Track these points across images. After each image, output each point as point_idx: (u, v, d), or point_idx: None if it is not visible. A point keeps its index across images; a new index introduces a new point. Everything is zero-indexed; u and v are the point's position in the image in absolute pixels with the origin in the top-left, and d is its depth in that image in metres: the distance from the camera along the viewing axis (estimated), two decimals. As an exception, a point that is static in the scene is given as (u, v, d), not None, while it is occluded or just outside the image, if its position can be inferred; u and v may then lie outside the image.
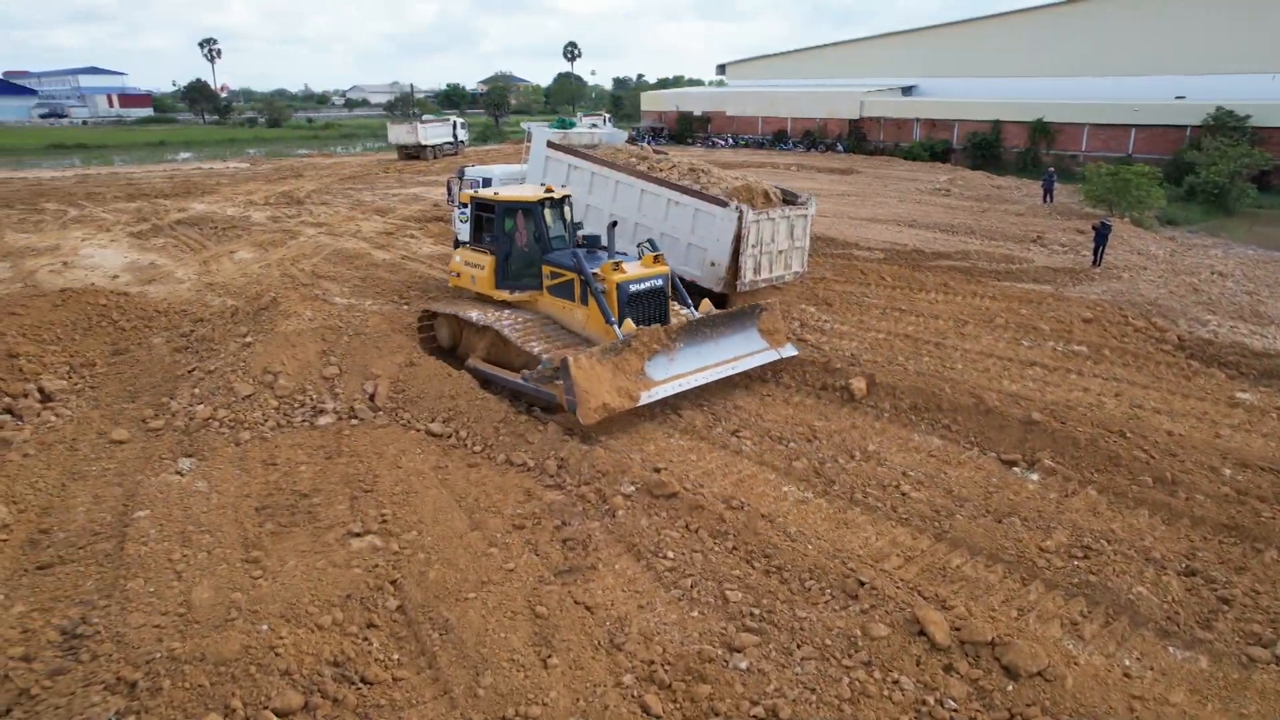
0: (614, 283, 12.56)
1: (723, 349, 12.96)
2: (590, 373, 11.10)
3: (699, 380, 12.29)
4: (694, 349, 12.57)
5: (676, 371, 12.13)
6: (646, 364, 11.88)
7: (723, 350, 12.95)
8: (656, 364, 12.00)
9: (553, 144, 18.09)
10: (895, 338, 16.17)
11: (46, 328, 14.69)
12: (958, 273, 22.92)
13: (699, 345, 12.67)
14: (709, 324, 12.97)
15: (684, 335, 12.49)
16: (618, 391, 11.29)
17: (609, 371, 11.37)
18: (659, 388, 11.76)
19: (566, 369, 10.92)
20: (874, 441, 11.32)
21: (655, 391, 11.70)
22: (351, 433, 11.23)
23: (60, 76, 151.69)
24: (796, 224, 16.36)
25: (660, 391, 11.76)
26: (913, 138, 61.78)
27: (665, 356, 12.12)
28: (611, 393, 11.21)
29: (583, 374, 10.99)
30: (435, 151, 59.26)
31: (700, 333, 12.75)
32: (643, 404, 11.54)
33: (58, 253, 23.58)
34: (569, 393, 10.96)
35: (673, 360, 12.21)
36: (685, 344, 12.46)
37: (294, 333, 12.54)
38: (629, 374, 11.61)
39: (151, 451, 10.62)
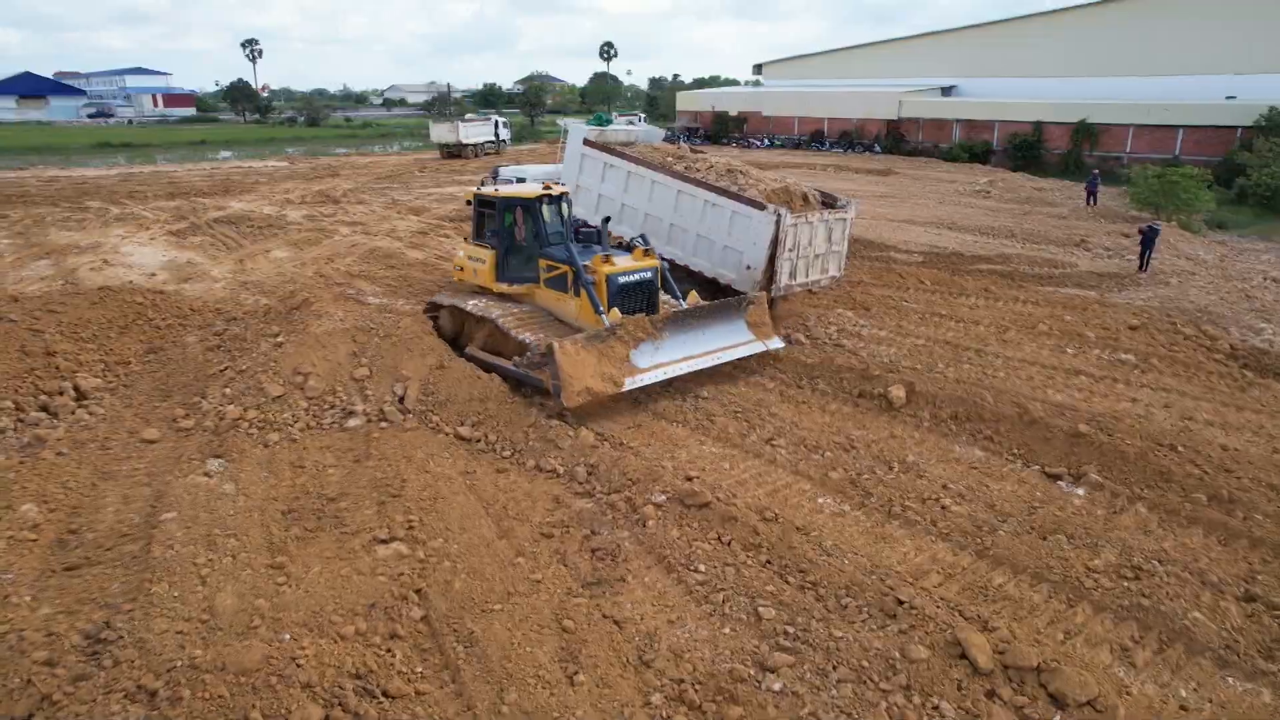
0: (603, 275, 13.12)
1: (709, 339, 13.36)
2: (575, 359, 11.62)
3: (684, 369, 12.76)
4: (680, 339, 12.98)
5: (661, 360, 12.59)
6: (632, 352, 12.37)
7: (709, 341, 13.35)
8: (642, 352, 12.47)
9: (589, 142, 17.87)
10: (935, 344, 15.77)
11: (84, 325, 14.79)
12: (999, 277, 22.41)
13: (685, 335, 13.07)
14: (695, 315, 13.39)
15: (670, 325, 12.91)
16: (601, 377, 11.78)
17: (594, 358, 11.87)
18: (643, 375, 12.22)
19: (552, 355, 11.46)
20: (913, 452, 10.99)
21: (639, 378, 12.15)
22: (380, 435, 11.12)
23: (108, 77, 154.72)
24: (835, 228, 16.02)
25: (644, 379, 12.22)
26: (952, 139, 60.86)
27: (651, 345, 12.61)
28: (595, 378, 11.70)
29: (568, 359, 11.51)
30: (476, 150, 59.89)
31: (686, 323, 13.15)
32: (626, 390, 12.00)
33: (98, 250, 23.89)
34: (554, 377, 11.48)
35: (658, 349, 12.67)
36: (671, 334, 12.89)
37: (325, 333, 12.48)
38: (614, 361, 12.09)
39: (181, 451, 10.59)
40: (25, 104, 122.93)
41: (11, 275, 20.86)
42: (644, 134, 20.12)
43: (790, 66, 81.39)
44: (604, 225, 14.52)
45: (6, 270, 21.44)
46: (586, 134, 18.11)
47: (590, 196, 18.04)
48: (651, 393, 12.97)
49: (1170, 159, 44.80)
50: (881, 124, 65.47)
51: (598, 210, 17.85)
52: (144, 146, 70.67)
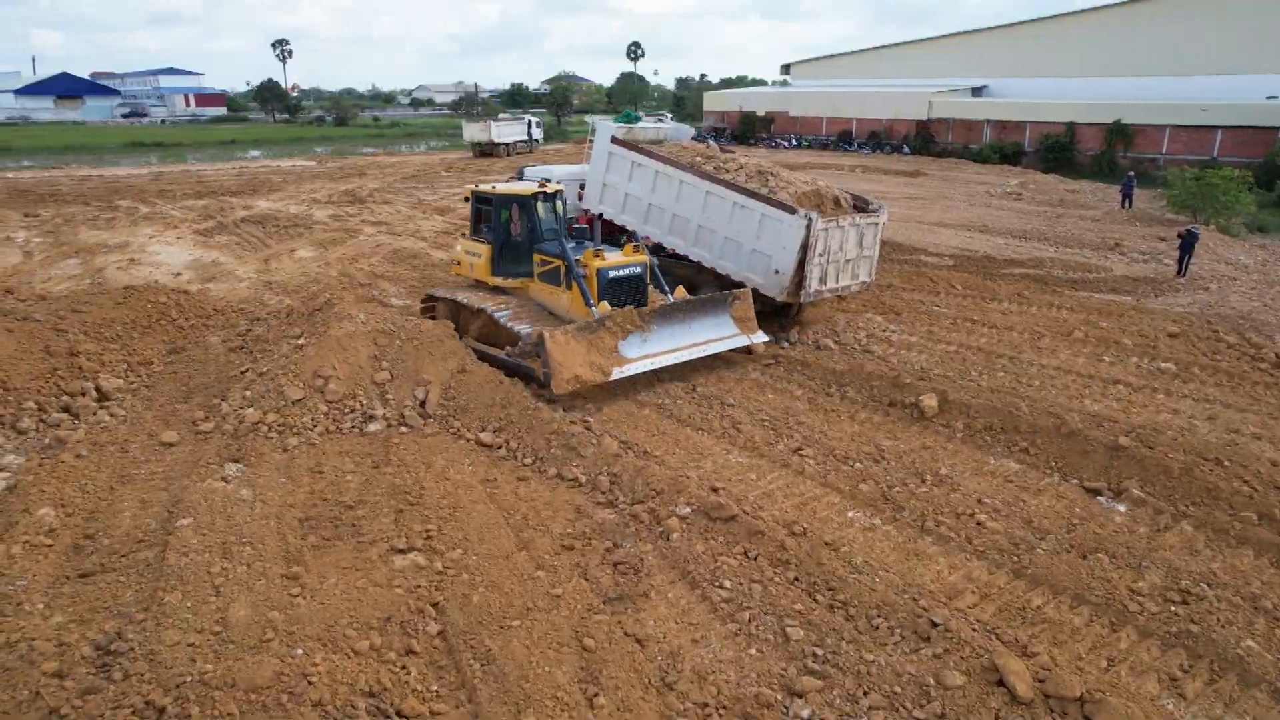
0: (594, 269, 13.59)
1: (695, 332, 13.86)
2: (565, 348, 12.18)
3: (670, 360, 13.27)
4: (667, 331, 13.49)
5: (649, 351, 13.11)
6: (621, 343, 12.92)
7: (695, 333, 13.85)
8: (631, 343, 13.02)
9: (617, 140, 17.53)
10: (967, 350, 15.38)
11: (108, 325, 14.77)
12: (1032, 282, 21.92)
13: (672, 328, 13.58)
14: (683, 308, 13.90)
15: (657, 318, 13.41)
16: (590, 366, 12.32)
17: (583, 347, 12.43)
18: (631, 365, 12.77)
19: (543, 343, 12.00)
20: (946, 464, 10.63)
21: (627, 368, 12.70)
22: (400, 441, 10.95)
23: (141, 77, 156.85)
24: (867, 232, 15.65)
25: (632, 368, 12.77)
26: (982, 140, 60.04)
27: (639, 336, 13.12)
28: (584, 366, 12.24)
29: (558, 348, 12.06)
30: (509, 149, 60.65)
31: (674, 316, 13.67)
32: (614, 379, 12.53)
33: (126, 250, 24.03)
34: (545, 365, 12.04)
35: (646, 340, 13.19)
36: (659, 326, 13.40)
37: (346, 336, 12.32)
38: (602, 351, 12.64)
39: (199, 455, 10.48)
40: (62, 104, 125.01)
41: (40, 274, 21.01)
42: (672, 132, 19.80)
43: (818, 66, 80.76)
44: (596, 222, 15.14)
45: (35, 269, 21.60)
46: (614, 131, 17.81)
47: (617, 195, 17.76)
48: (676, 398, 12.72)
49: (1208, 160, 43.84)
50: (911, 124, 64.74)
51: (624, 209, 17.59)
52: (175, 146, 71.49)
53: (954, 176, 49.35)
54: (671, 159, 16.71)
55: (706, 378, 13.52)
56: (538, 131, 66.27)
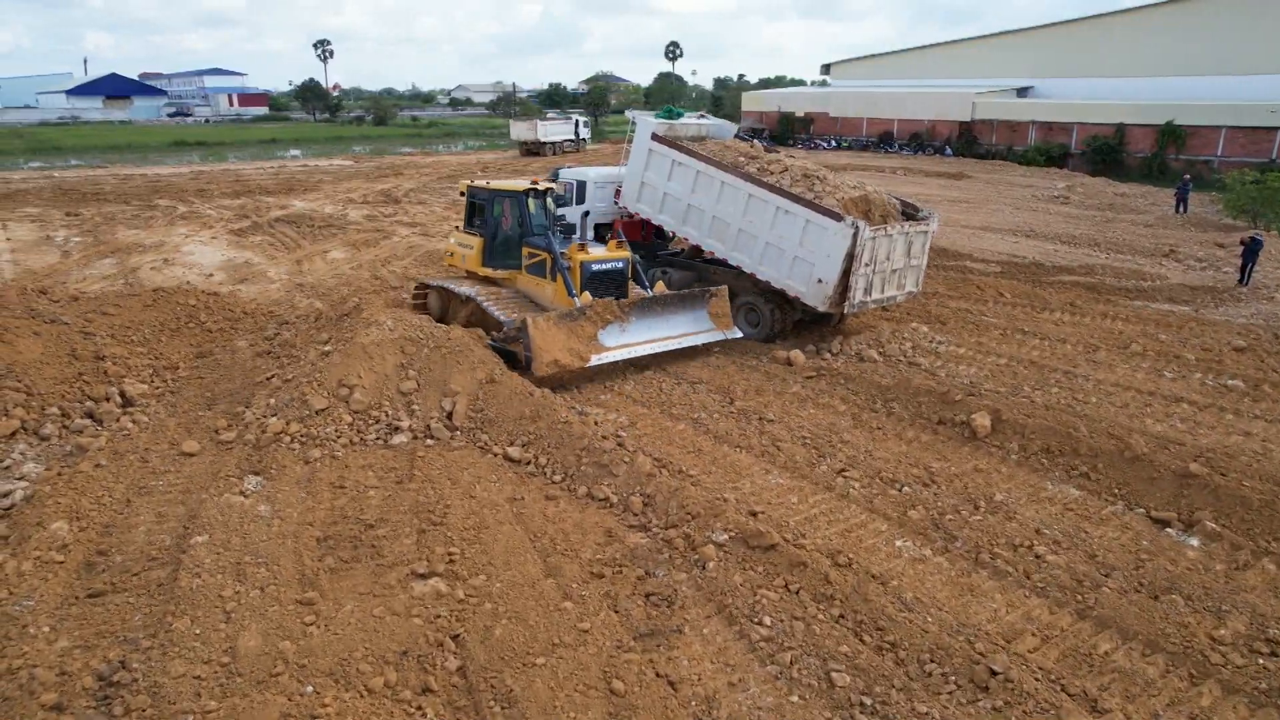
0: (578, 262, 14.29)
1: (672, 325, 14.58)
2: (547, 333, 12.87)
3: (647, 350, 14.00)
4: (645, 323, 14.21)
5: (627, 341, 13.84)
6: (600, 332, 13.62)
7: (672, 326, 14.58)
8: (610, 332, 13.72)
9: (657, 136, 16.89)
10: (1019, 364, 14.65)
11: (135, 328, 14.59)
12: (1083, 290, 21.07)
13: (650, 320, 14.30)
14: (661, 302, 14.60)
15: (636, 310, 14.13)
16: (569, 351, 13.00)
17: (564, 334, 13.13)
18: (609, 353, 13.50)
19: (526, 328, 12.74)
20: (1001, 489, 9.97)
21: (605, 355, 13.42)
22: (426, 454, 10.54)
23: (187, 77, 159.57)
24: (915, 241, 14.97)
25: (609, 356, 13.49)
26: (1027, 141, 58.71)
27: (618, 327, 13.84)
28: (564, 352, 12.92)
29: (540, 334, 12.77)
30: (555, 148, 61.53)
31: (652, 309, 14.38)
32: (592, 365, 13.20)
33: (161, 250, 24.02)
34: (527, 349, 12.71)
35: (625, 331, 13.90)
36: (638, 318, 14.13)
37: (372, 344, 11.95)
38: (582, 338, 13.34)
39: (219, 467, 10.15)
40: (110, 104, 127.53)
41: (76, 274, 21.02)
42: (715, 129, 19.08)
43: (859, 66, 79.59)
44: (583, 219, 15.99)
45: (72, 269, 21.63)
46: (655, 128, 17.18)
47: (655, 194, 17.18)
48: (713, 413, 12.17)
49: (1267, 163, 42.28)
50: (953, 125, 63.53)
51: (662, 209, 17.03)
52: (217, 145, 72.33)
53: (998, 179, 48.21)
54: (713, 159, 16.08)
55: (745, 390, 12.96)
56: (585, 131, 66.78)
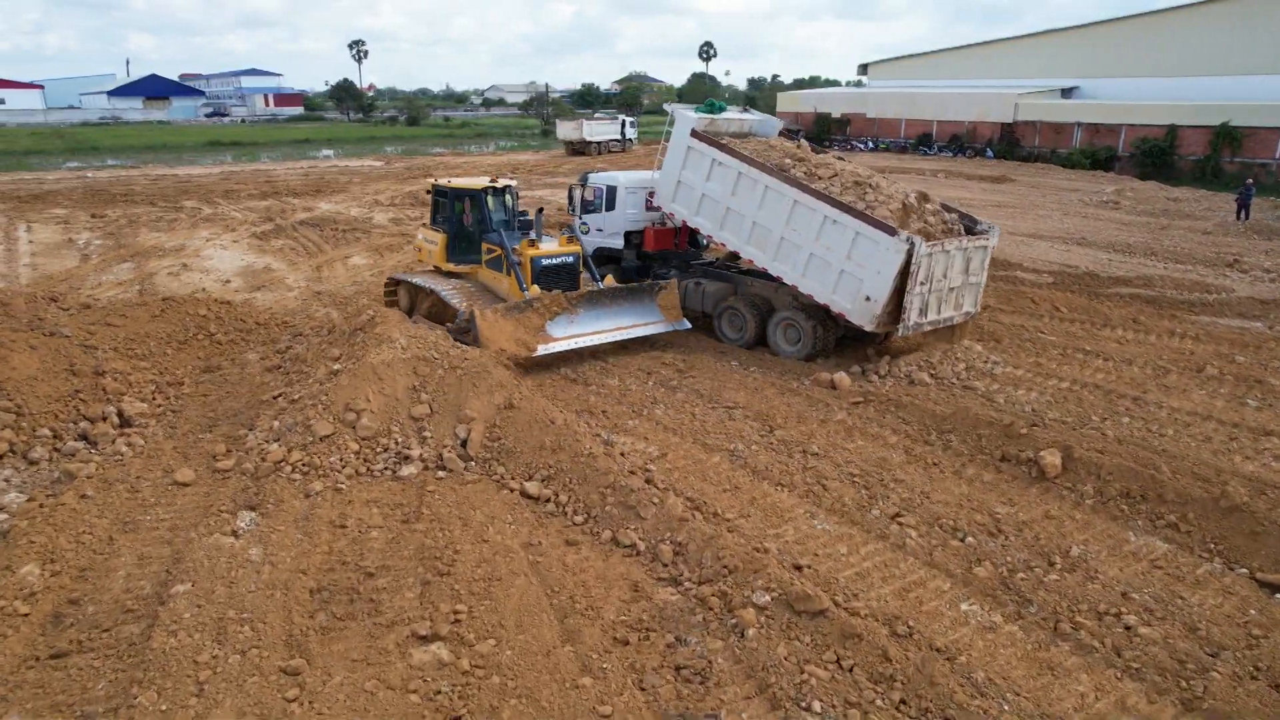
0: (528, 257, 14.89)
1: (621, 317, 15.04)
2: (494, 325, 13.42)
3: (595, 340, 14.52)
4: (594, 315, 14.70)
5: (575, 332, 14.33)
6: (549, 323, 14.13)
7: (621, 318, 15.04)
8: (558, 324, 14.23)
9: (697, 133, 15.67)
10: (1083, 388, 13.46)
11: (141, 341, 13.88)
12: (1143, 303, 19.73)
13: (599, 312, 14.80)
14: (609, 295, 15.05)
15: (585, 302, 14.61)
16: (516, 342, 13.53)
17: (511, 325, 13.66)
18: (556, 343, 14.00)
19: (473, 320, 13.30)
20: (1077, 541, 8.84)
21: (553, 346, 13.93)
22: (437, 488, 9.64)
23: (224, 78, 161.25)
24: (974, 257, 13.81)
25: (557, 346, 13.98)
26: (1072, 143, 56.82)
27: (567, 318, 14.33)
28: (511, 342, 13.43)
29: (487, 325, 13.30)
30: (601, 148, 62.24)
31: (600, 301, 14.86)
32: (539, 355, 13.72)
33: (181, 254, 23.46)
34: (475, 340, 13.07)
35: (573, 322, 14.40)
36: (586, 310, 14.61)
37: (383, 363, 11.09)
38: (530, 329, 13.88)
39: (213, 500, 9.32)
40: (150, 104, 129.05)
41: (92, 279, 20.48)
42: (759, 125, 17.85)
43: (897, 67, 77.85)
44: (538, 215, 15.98)
45: (89, 274, 21.10)
46: (694, 123, 15.97)
47: (693, 195, 16.01)
48: (751, 443, 11.12)
49: (1331, 168, 40.31)
50: (995, 127, 61.75)
51: (699, 211, 15.95)
52: (250, 145, 72.44)
53: (1043, 183, 46.59)
54: (756, 159, 14.90)
55: (785, 417, 11.91)
56: (631, 131, 66.56)
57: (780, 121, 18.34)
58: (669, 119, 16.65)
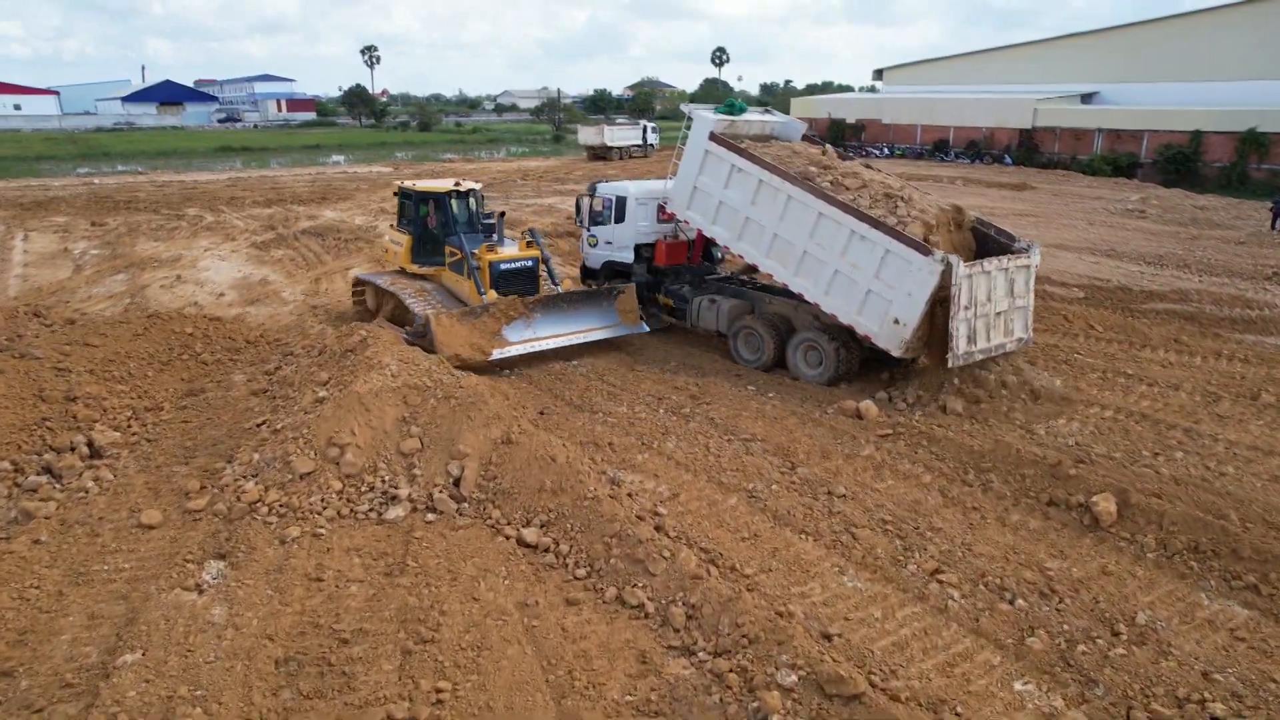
0: (487, 261, 15.02)
1: (579, 321, 15.17)
2: (449, 329, 13.66)
3: (552, 344, 14.64)
4: (552, 319, 14.87)
5: (532, 336, 14.49)
6: (505, 328, 14.31)
7: (579, 322, 15.16)
8: (515, 328, 14.40)
9: (717, 136, 14.63)
10: (1128, 417, 12.45)
11: (120, 362, 13.08)
12: (1182, 320, 18.66)
13: (556, 316, 14.95)
14: (567, 299, 15.28)
15: (542, 306, 14.80)
16: (471, 346, 13.74)
17: (467, 330, 13.88)
18: (512, 347, 14.19)
19: (428, 324, 13.58)
20: (1142, 605, 7.85)
21: (508, 350, 14.13)
22: (425, 534, 8.75)
23: (238, 83, 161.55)
24: (1017, 277, 12.77)
25: (513, 350, 14.18)
26: (1093, 150, 55.59)
27: (524, 323, 14.51)
28: (465, 347, 13.65)
29: (442, 329, 13.57)
30: (622, 153, 62.03)
31: (558, 306, 15.05)
32: (495, 359, 13.90)
33: (176, 265, 22.71)
34: (430, 344, 13.30)
35: (530, 327, 14.57)
36: (543, 314, 14.80)
37: (371, 393, 10.21)
38: (485, 334, 14.04)
39: (180, 546, 8.46)
40: (164, 110, 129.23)
41: (82, 292, 19.73)
42: (781, 127, 16.78)
43: (912, 72, 76.71)
44: (499, 219, 16.19)
45: (80, 286, 20.35)
46: (713, 125, 14.90)
47: (709, 202, 14.97)
48: (771, 482, 10.14)
49: (1365, 176, 39.04)
50: (1013, 133, 60.57)
51: (716, 220, 14.95)
52: (261, 150, 71.98)
53: (1064, 190, 45.42)
54: (779, 167, 13.87)
55: (808, 451, 10.94)
56: (653, 136, 66.27)
57: (804, 124, 17.24)
58: (685, 120, 15.67)
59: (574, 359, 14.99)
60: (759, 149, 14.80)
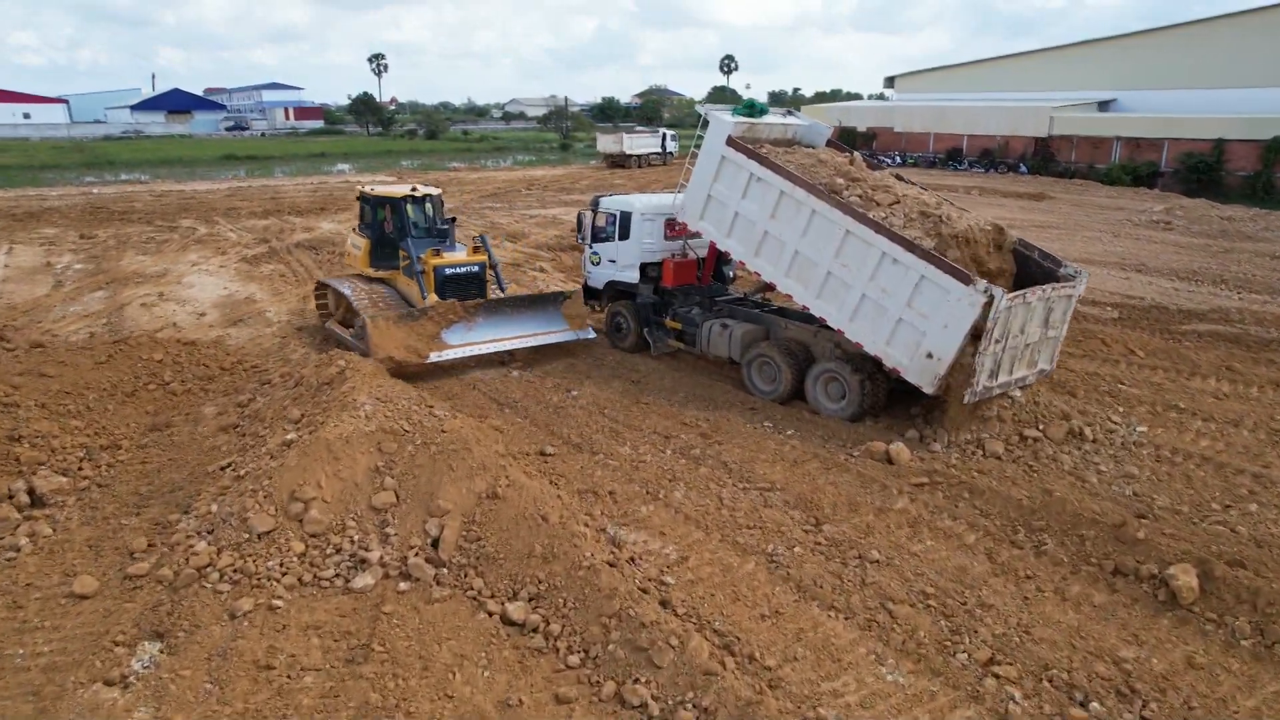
0: (432, 266, 15.17)
1: (522, 326, 15.30)
2: (385, 332, 13.75)
3: (492, 348, 14.74)
4: (493, 323, 14.97)
5: (472, 339, 14.60)
6: (444, 331, 14.39)
7: (522, 327, 15.28)
8: (454, 332, 14.48)
9: (734, 141, 13.34)
10: (1186, 460, 11.22)
11: (78, 394, 12.00)
12: (1228, 343, 17.41)
13: (499, 320, 15.06)
14: (510, 303, 15.45)
15: (484, 311, 14.89)
16: (407, 349, 13.82)
17: (404, 332, 13.96)
18: (451, 350, 14.30)
19: (364, 326, 13.86)
20: (1245, 710, 6.57)
21: (446, 353, 14.23)
22: (396, 607, 7.59)
23: (246, 91, 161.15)
24: (1056, 307, 11.56)
25: (451, 354, 14.31)
26: (1110, 159, 54.27)
27: (464, 326, 14.60)
28: (400, 349, 13.72)
29: (378, 332, 13.69)
30: (641, 161, 61.94)
31: (500, 310, 15.19)
32: (431, 361, 14.00)
33: (161, 281, 21.67)
34: (366, 346, 13.54)
35: (470, 330, 14.67)
36: (485, 318, 14.88)
37: (340, 439, 9.05)
38: (422, 337, 14.14)
39: (112, 623, 7.32)
40: (172, 118, 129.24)
41: (57, 311, 18.68)
42: (805, 131, 15.38)
43: (924, 79, 75.56)
44: (451, 224, 16.67)
45: (57, 304, 19.30)
46: (731, 129, 13.57)
47: (724, 213, 13.66)
48: (794, 543, 8.91)
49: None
50: (1028, 141, 59.31)
51: (731, 232, 13.67)
52: (266, 159, 71.22)
53: (1084, 200, 44.14)
54: (803, 178, 12.60)
55: (834, 504, 9.72)
56: (672, 144, 65.83)
57: (829, 128, 15.85)
58: (701, 121, 14.41)
59: (573, 389, 13.83)
60: (781, 155, 13.57)
